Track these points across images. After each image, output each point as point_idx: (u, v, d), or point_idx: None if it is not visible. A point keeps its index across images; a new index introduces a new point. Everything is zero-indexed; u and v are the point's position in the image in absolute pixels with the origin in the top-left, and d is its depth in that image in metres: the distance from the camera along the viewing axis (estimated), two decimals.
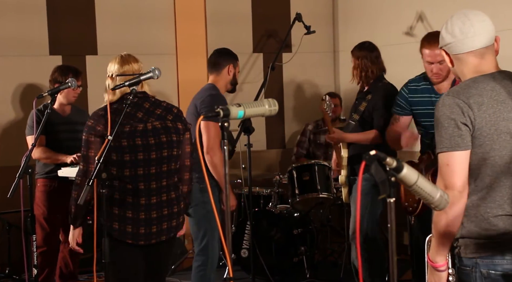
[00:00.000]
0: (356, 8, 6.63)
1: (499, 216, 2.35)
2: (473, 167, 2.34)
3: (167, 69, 6.11)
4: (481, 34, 2.37)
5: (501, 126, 2.32)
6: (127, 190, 3.27)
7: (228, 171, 2.41)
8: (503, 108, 2.34)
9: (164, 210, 3.35)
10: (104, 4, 6.18)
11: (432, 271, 2.44)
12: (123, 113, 3.18)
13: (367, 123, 4.54)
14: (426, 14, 5.64)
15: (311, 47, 6.54)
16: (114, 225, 3.25)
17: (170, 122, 3.39)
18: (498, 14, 4.71)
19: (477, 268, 2.37)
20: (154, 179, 3.31)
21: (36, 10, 5.96)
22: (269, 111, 2.55)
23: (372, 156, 1.85)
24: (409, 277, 4.92)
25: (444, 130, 2.33)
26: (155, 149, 3.31)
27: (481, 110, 2.31)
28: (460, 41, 2.38)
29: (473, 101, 2.32)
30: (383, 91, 4.54)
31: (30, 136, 4.75)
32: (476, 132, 2.32)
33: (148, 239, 3.32)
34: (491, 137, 2.32)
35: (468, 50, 2.38)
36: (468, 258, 2.39)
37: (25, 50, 5.91)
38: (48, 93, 3.76)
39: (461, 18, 2.39)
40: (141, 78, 3.26)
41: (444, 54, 2.47)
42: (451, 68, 2.49)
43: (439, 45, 2.49)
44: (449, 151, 2.32)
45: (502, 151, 2.33)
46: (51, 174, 4.76)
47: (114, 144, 3.19)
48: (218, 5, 6.49)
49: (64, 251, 4.92)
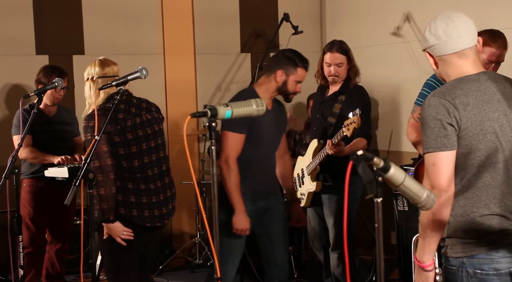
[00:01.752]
0: (344, 9, 6.64)
1: (485, 216, 2.36)
2: (459, 167, 2.36)
3: (154, 69, 6.10)
4: (465, 35, 2.40)
5: (486, 126, 2.34)
6: (138, 179, 3.53)
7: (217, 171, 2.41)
8: (488, 108, 2.36)
9: (167, 192, 3.69)
10: (91, 4, 6.15)
11: (419, 271, 2.45)
12: (111, 111, 3.23)
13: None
14: (413, 14, 5.66)
15: (298, 47, 6.46)
16: (133, 213, 3.50)
17: (155, 113, 3.73)
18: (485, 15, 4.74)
19: (463, 268, 2.39)
20: (156, 165, 3.63)
21: (22, 9, 5.92)
22: (257, 111, 2.55)
23: (359, 156, 1.86)
24: (396, 277, 4.94)
25: (430, 131, 2.34)
26: (152, 138, 3.63)
27: (467, 111, 2.33)
28: (444, 42, 2.40)
29: (459, 102, 2.33)
30: (360, 93, 4.47)
31: (16, 136, 4.72)
32: (462, 132, 2.33)
33: (161, 220, 3.62)
34: (477, 137, 2.34)
35: (452, 51, 2.41)
36: (454, 257, 2.41)
37: (11, 49, 5.87)
38: (34, 93, 3.74)
39: (444, 19, 2.42)
40: (128, 78, 3.28)
41: (428, 56, 2.49)
42: (435, 70, 2.51)
43: (422, 48, 2.50)
44: (435, 151, 2.33)
45: (487, 151, 2.34)
46: (37, 174, 4.73)
47: (120, 140, 3.48)
48: (206, 5, 6.48)
49: (50, 252, 4.90)
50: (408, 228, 4.54)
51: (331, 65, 4.45)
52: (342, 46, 4.48)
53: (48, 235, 4.92)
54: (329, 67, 4.47)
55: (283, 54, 3.93)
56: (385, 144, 6.05)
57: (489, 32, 3.75)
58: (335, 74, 4.46)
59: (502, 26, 3.97)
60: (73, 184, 3.02)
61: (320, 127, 4.56)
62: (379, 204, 1.87)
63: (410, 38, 5.67)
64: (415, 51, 5.59)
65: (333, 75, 4.47)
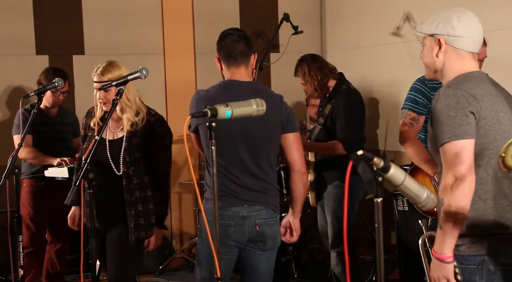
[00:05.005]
0: (344, 9, 6.64)
1: (507, 207, 2.35)
2: (478, 157, 2.34)
3: (154, 69, 6.09)
4: (481, 41, 2.50)
5: (500, 117, 2.37)
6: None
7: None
8: (498, 100, 2.40)
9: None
10: (91, 4, 6.15)
11: (438, 265, 2.38)
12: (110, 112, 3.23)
13: (330, 129, 4.46)
14: (413, 14, 5.66)
15: (298, 47, 6.53)
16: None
17: None
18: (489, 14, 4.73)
19: (484, 265, 2.35)
20: None
21: (22, 9, 5.92)
22: (257, 111, 2.55)
23: (359, 156, 1.86)
24: (396, 277, 4.94)
25: (451, 120, 2.31)
26: None
27: (484, 101, 2.35)
28: (472, 39, 2.45)
29: (475, 92, 2.35)
30: (345, 98, 4.44)
31: (16, 135, 4.73)
32: (481, 121, 2.33)
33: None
34: (494, 127, 2.35)
35: (472, 50, 2.46)
36: (473, 255, 2.37)
37: (12, 49, 5.87)
38: (34, 93, 3.74)
39: (475, 18, 2.48)
40: (128, 78, 3.27)
41: (435, 42, 2.47)
42: (434, 58, 2.48)
43: (435, 31, 2.48)
44: (458, 139, 2.30)
45: (503, 141, 2.34)
46: (37, 174, 4.73)
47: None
48: (206, 5, 6.48)
49: (50, 252, 4.90)
50: (408, 228, 4.53)
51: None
52: (296, 68, 4.65)
53: (48, 235, 4.92)
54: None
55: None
56: (385, 144, 6.05)
57: None
58: (306, 92, 4.68)
59: (502, 26, 3.99)
60: (73, 184, 3.02)
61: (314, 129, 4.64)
62: (379, 204, 1.87)
63: (410, 38, 5.66)
64: (415, 51, 5.58)
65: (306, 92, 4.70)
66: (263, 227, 3.22)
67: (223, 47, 3.29)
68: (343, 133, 4.35)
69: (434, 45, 2.47)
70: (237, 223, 3.17)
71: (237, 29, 3.37)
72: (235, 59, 3.26)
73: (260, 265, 3.30)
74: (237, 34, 3.29)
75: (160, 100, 6.16)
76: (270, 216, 3.25)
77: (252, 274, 3.31)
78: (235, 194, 3.18)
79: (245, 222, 3.19)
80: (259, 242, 3.26)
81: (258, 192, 3.23)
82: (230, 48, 3.25)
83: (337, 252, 4.53)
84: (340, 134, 4.35)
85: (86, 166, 3.04)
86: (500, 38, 4.64)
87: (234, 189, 3.19)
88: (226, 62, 3.29)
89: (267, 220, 3.24)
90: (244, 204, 3.19)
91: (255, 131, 3.19)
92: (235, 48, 3.25)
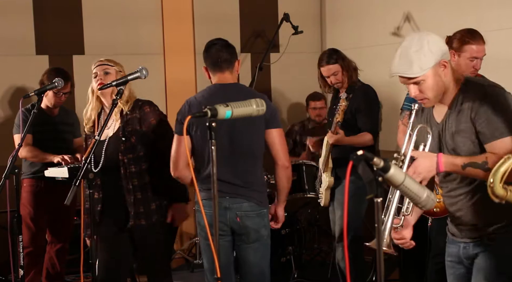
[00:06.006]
0: (344, 9, 6.64)
1: None
2: None
3: (154, 69, 6.10)
4: None
5: None
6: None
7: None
8: None
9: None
10: (91, 4, 6.15)
11: (431, 165, 2.51)
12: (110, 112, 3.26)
13: (350, 124, 4.54)
14: (413, 14, 5.66)
15: (298, 47, 6.54)
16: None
17: None
18: (489, 14, 4.74)
19: None
20: None
21: (22, 9, 5.92)
22: (257, 111, 2.55)
23: (359, 156, 1.86)
24: (396, 277, 4.95)
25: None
26: None
27: None
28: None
29: None
30: (364, 92, 4.63)
31: (17, 135, 4.74)
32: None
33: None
34: None
35: None
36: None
37: (12, 49, 5.87)
38: (35, 93, 3.74)
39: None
40: (128, 78, 3.28)
41: (438, 68, 2.61)
42: (441, 83, 2.61)
43: (437, 59, 2.57)
44: None
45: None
46: (37, 174, 4.73)
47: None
48: (206, 5, 6.48)
49: (50, 252, 4.90)
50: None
51: (329, 77, 4.66)
52: (332, 56, 4.65)
53: (48, 235, 4.92)
54: (329, 78, 4.68)
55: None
56: (385, 144, 6.05)
57: (465, 31, 3.86)
58: (337, 82, 4.67)
59: (502, 26, 3.99)
60: (73, 184, 3.02)
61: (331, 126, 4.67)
62: (379, 204, 1.87)
63: None
64: None
65: (335, 83, 4.69)
66: (244, 219, 3.43)
67: (208, 56, 3.57)
68: (369, 125, 4.54)
69: (439, 70, 2.58)
70: (220, 213, 3.32)
71: (221, 39, 3.62)
72: (220, 67, 3.54)
73: (249, 258, 3.51)
74: (220, 43, 3.57)
75: (160, 100, 6.15)
76: (252, 209, 3.45)
77: (244, 266, 3.55)
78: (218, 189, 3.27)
79: (227, 213, 3.42)
80: (243, 235, 3.47)
81: (241, 186, 3.43)
82: (215, 57, 3.53)
83: (343, 246, 4.60)
84: (366, 126, 4.54)
85: (86, 166, 3.05)
86: (500, 38, 4.64)
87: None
88: (212, 70, 3.57)
89: (249, 213, 3.44)
90: (226, 196, 3.40)
91: (238, 128, 3.39)
92: (219, 57, 3.52)
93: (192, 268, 5.77)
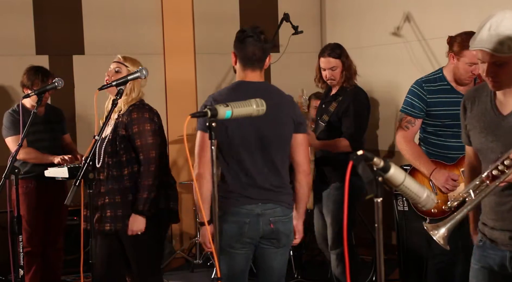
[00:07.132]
0: (344, 9, 6.65)
1: None
2: None
3: (154, 69, 6.09)
4: None
5: None
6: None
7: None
8: None
9: None
10: (91, 4, 6.15)
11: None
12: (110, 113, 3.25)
13: (334, 126, 4.44)
14: (413, 14, 5.66)
15: (298, 47, 6.54)
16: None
17: None
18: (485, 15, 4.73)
19: None
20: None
21: (22, 9, 5.92)
22: (257, 111, 2.55)
23: (359, 156, 1.86)
24: (396, 277, 4.94)
25: None
26: None
27: None
28: None
29: None
30: (353, 96, 4.44)
31: (10, 137, 4.70)
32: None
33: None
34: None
35: None
36: None
37: (11, 49, 5.87)
38: (34, 93, 3.74)
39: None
40: (128, 78, 3.29)
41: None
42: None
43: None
44: None
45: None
46: (27, 175, 4.70)
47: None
48: (206, 5, 6.48)
49: (47, 251, 4.88)
50: (408, 228, 4.53)
51: (325, 70, 4.49)
52: (335, 50, 4.47)
53: (43, 234, 4.91)
54: (324, 71, 4.50)
55: None
56: (385, 144, 6.05)
57: (467, 35, 3.67)
58: (331, 78, 4.49)
59: None
60: (73, 184, 3.02)
61: (317, 126, 4.59)
62: (379, 204, 1.87)
63: (410, 38, 5.67)
64: (415, 51, 5.59)
65: (329, 79, 4.50)
66: (277, 225, 3.26)
67: (242, 49, 3.33)
68: (350, 130, 4.36)
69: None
70: (252, 221, 3.20)
71: (257, 32, 3.38)
72: (252, 63, 3.32)
73: (274, 263, 3.35)
74: (256, 37, 3.33)
75: (160, 100, 6.16)
76: (284, 214, 3.29)
77: (267, 271, 3.37)
78: (249, 195, 3.21)
79: (260, 220, 3.22)
80: (273, 240, 3.29)
81: (271, 191, 3.25)
82: (249, 52, 3.31)
83: (337, 254, 4.51)
84: (348, 131, 4.35)
85: (86, 166, 3.05)
86: None
87: (247, 189, 3.22)
88: (242, 63, 3.34)
89: (282, 218, 3.27)
90: (258, 202, 3.22)
91: (269, 131, 3.22)
92: (254, 54, 3.31)
93: (192, 268, 5.77)
